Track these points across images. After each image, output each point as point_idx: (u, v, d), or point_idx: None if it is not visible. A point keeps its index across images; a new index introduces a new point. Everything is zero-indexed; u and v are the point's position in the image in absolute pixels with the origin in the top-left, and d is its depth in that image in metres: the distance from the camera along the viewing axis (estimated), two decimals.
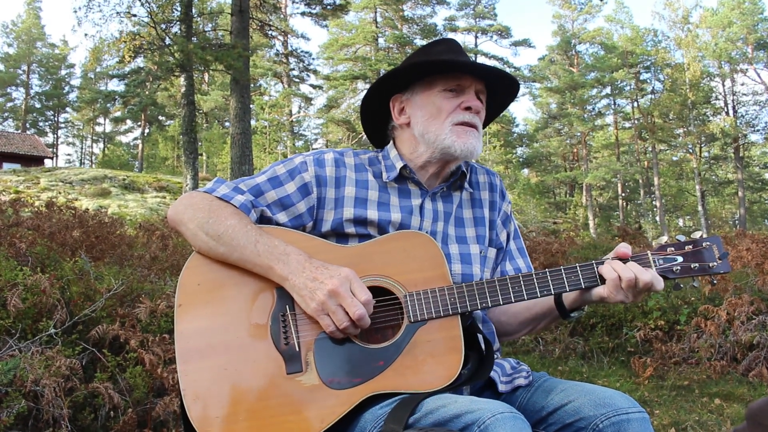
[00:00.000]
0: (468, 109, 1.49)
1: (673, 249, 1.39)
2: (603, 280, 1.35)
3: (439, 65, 1.51)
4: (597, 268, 1.36)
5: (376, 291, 1.33)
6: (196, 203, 1.41)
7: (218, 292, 1.34)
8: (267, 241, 1.32)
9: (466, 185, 1.60)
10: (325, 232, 1.46)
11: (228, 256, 1.33)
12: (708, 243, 1.39)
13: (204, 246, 1.36)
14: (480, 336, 1.39)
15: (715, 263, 1.38)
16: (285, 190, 1.46)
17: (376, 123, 1.65)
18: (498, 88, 1.59)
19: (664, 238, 1.43)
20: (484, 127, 1.66)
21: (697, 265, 1.37)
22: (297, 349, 1.28)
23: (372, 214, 1.46)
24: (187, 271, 1.36)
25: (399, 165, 1.52)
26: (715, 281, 1.46)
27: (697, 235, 1.41)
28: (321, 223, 1.47)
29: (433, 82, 1.51)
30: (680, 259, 1.38)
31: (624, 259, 1.36)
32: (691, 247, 1.39)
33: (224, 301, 1.33)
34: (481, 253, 1.54)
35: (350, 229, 1.45)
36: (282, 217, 1.46)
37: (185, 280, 1.35)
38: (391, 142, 1.61)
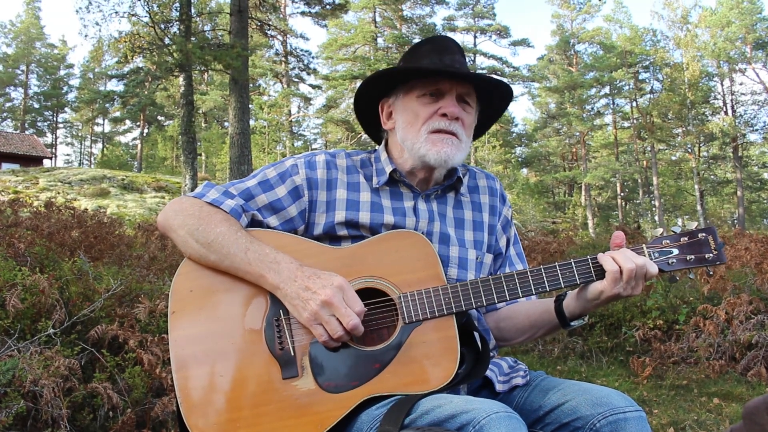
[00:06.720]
0: (444, 115, 1.44)
1: (668, 241, 1.37)
2: (598, 275, 1.33)
3: (413, 72, 1.47)
4: (591, 262, 1.34)
5: (370, 292, 1.32)
6: (185, 209, 1.39)
7: (211, 298, 1.32)
8: (257, 248, 1.30)
9: (463, 190, 1.58)
10: (317, 235, 1.45)
11: (219, 264, 1.32)
12: (704, 234, 1.37)
13: (195, 253, 1.34)
14: (476, 334, 1.38)
15: (711, 254, 1.35)
16: (276, 194, 1.44)
17: (372, 122, 1.63)
18: (490, 91, 1.53)
19: (659, 230, 1.40)
20: (482, 132, 1.63)
21: (693, 256, 1.35)
22: (292, 353, 1.27)
23: (364, 216, 1.44)
24: (179, 278, 1.35)
25: (389, 169, 1.50)
26: (711, 272, 1.44)
27: (692, 226, 1.39)
28: (313, 227, 1.46)
29: (413, 87, 1.47)
30: (676, 251, 1.36)
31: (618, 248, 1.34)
32: (686, 238, 1.37)
33: (218, 306, 1.32)
34: (477, 258, 1.52)
35: (342, 232, 1.43)
36: (273, 220, 1.44)
37: (177, 286, 1.33)
38: (383, 143, 1.59)
